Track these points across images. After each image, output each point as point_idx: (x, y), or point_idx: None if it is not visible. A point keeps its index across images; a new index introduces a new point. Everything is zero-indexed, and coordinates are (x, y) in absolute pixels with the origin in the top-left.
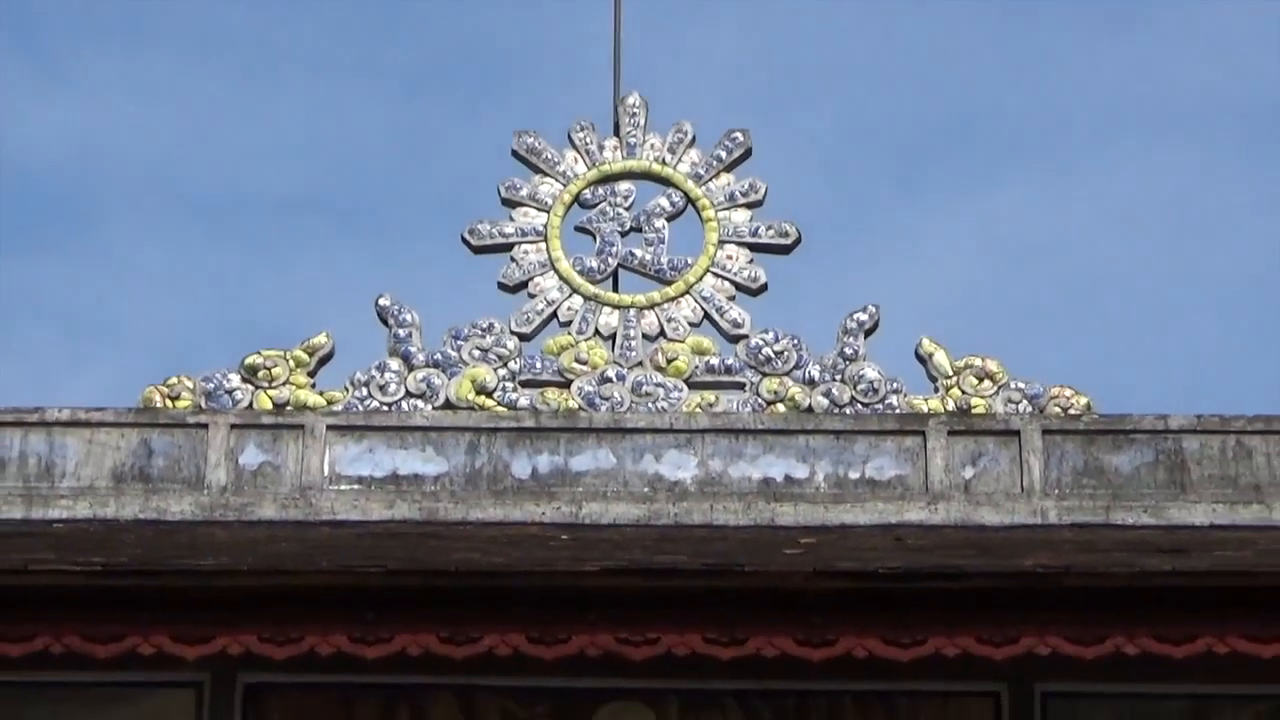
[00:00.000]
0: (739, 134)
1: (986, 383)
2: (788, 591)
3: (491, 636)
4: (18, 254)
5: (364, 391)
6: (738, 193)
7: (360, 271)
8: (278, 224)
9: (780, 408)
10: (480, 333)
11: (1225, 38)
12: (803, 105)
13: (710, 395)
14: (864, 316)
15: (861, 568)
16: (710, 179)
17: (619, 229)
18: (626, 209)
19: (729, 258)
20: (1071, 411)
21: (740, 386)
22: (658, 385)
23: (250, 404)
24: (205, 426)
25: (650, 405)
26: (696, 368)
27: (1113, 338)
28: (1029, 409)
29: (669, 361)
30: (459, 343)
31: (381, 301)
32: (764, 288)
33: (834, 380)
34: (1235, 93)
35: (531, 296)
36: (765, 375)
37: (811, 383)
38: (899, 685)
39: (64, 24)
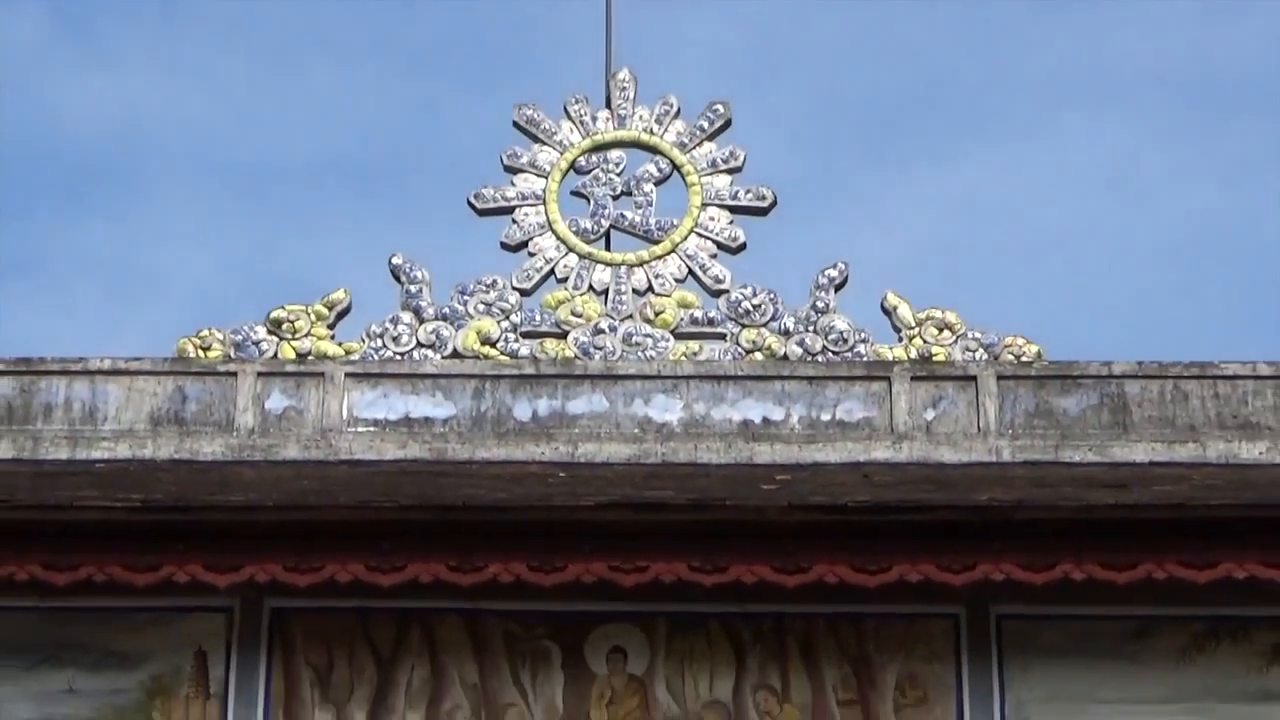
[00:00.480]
0: (720, 106)
1: (946, 333)
2: (765, 524)
3: (495, 565)
4: (66, 218)
5: (379, 342)
6: (719, 160)
7: (375, 233)
8: (301, 189)
9: (758, 356)
10: (485, 288)
11: (1162, 17)
12: (779, 79)
13: (694, 345)
14: (834, 273)
15: (832, 501)
16: (694, 147)
17: (611, 193)
18: (618, 175)
19: (711, 219)
20: (1024, 359)
21: (721, 337)
22: (646, 336)
23: (275, 354)
24: (234, 374)
25: (639, 354)
26: (682, 320)
27: (1062, 291)
28: (985, 357)
29: (656, 314)
30: (465, 297)
31: (394, 260)
32: (743, 246)
33: (807, 331)
34: (1170, 68)
35: (531, 255)
36: (744, 326)
37: (787, 333)
38: (867, 608)
39: (107, 7)
